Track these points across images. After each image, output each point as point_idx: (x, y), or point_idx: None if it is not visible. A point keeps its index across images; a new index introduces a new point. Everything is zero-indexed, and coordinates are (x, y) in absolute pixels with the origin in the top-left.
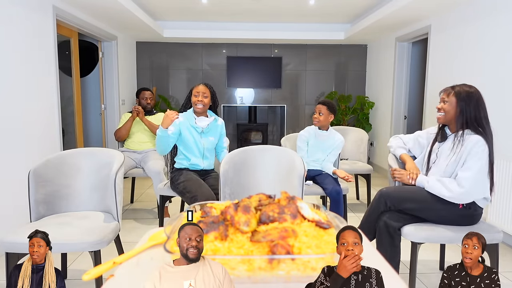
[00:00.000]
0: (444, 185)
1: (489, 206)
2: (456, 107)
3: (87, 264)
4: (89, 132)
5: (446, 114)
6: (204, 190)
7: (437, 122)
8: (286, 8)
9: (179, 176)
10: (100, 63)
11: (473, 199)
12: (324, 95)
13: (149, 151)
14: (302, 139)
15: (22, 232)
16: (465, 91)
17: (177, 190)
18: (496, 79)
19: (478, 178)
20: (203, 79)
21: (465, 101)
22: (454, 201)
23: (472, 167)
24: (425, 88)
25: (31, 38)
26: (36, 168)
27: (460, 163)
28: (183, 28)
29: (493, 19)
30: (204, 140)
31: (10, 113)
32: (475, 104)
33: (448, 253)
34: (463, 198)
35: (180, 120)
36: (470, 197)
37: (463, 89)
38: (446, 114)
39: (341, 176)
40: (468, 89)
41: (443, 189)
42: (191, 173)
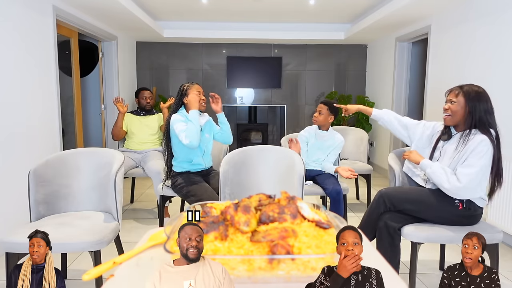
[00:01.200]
0: (446, 174)
1: (489, 206)
2: (465, 107)
3: (87, 264)
4: (89, 132)
5: (453, 115)
6: (210, 193)
7: (444, 123)
8: (286, 8)
9: (182, 180)
10: (100, 63)
11: (469, 196)
12: (324, 95)
13: (149, 151)
14: (302, 139)
15: (22, 232)
16: (474, 91)
17: (181, 194)
18: (496, 79)
19: (478, 176)
20: (203, 79)
21: (475, 101)
22: (450, 194)
23: (473, 165)
24: (425, 88)
25: (31, 38)
26: (36, 168)
27: (462, 161)
28: (183, 28)
29: (493, 19)
30: (203, 138)
31: (10, 113)
32: (484, 105)
33: (448, 253)
34: (459, 193)
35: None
36: (466, 193)
37: (472, 89)
38: (453, 115)
39: (344, 175)
40: (476, 89)
41: (444, 178)
42: (193, 175)
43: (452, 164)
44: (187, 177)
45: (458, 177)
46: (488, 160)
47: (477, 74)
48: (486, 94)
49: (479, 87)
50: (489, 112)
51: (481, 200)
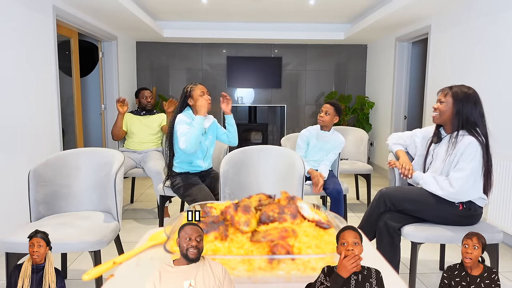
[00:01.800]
0: (438, 183)
1: (489, 206)
2: (453, 108)
3: (87, 264)
4: (89, 132)
5: (441, 115)
6: (204, 193)
7: (433, 121)
8: (286, 8)
9: (180, 180)
10: (100, 63)
11: (466, 198)
12: (324, 95)
13: (149, 151)
14: (302, 138)
15: (22, 232)
16: (463, 92)
17: (178, 194)
18: (496, 79)
19: (470, 179)
20: (203, 79)
21: (462, 102)
22: (447, 198)
23: (464, 168)
24: (425, 88)
25: (31, 38)
26: (36, 168)
27: (454, 164)
28: (183, 28)
29: (493, 19)
30: (205, 140)
31: (10, 113)
32: (472, 106)
33: (448, 253)
34: (455, 198)
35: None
36: (462, 197)
37: (461, 90)
38: (441, 115)
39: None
40: (466, 90)
41: (436, 186)
42: (191, 176)
43: (445, 167)
44: (185, 178)
45: (451, 182)
46: (477, 162)
47: (477, 74)
48: (476, 95)
49: (470, 88)
50: (478, 113)
51: (482, 200)
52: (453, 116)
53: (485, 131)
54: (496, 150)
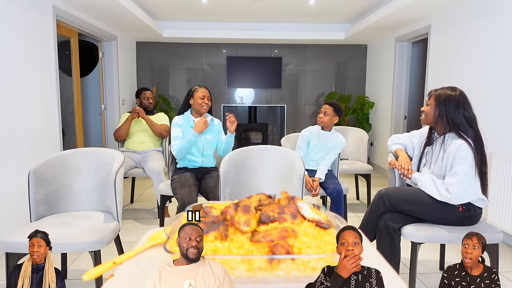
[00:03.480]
0: (436, 187)
1: (489, 206)
2: (435, 110)
3: (87, 264)
4: (89, 132)
5: (426, 117)
6: (184, 192)
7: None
8: (286, 8)
9: (176, 176)
10: (100, 63)
11: (464, 201)
12: (324, 95)
13: (149, 151)
14: (303, 138)
15: (22, 232)
16: (445, 94)
17: (171, 188)
18: (496, 79)
19: (464, 182)
20: (203, 79)
21: (444, 104)
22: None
23: (458, 172)
24: (425, 88)
25: (31, 38)
26: (36, 168)
27: (448, 168)
28: (183, 28)
29: (493, 19)
30: (203, 139)
31: (10, 113)
32: (454, 108)
33: (448, 253)
34: (453, 202)
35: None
36: (459, 200)
37: (444, 92)
38: (426, 117)
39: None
40: (449, 92)
41: (435, 191)
42: (187, 172)
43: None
44: (181, 175)
45: (447, 188)
46: (469, 164)
47: (477, 74)
48: (460, 97)
49: (455, 89)
50: (462, 115)
51: (481, 201)
52: (437, 118)
53: (473, 133)
54: (496, 150)
